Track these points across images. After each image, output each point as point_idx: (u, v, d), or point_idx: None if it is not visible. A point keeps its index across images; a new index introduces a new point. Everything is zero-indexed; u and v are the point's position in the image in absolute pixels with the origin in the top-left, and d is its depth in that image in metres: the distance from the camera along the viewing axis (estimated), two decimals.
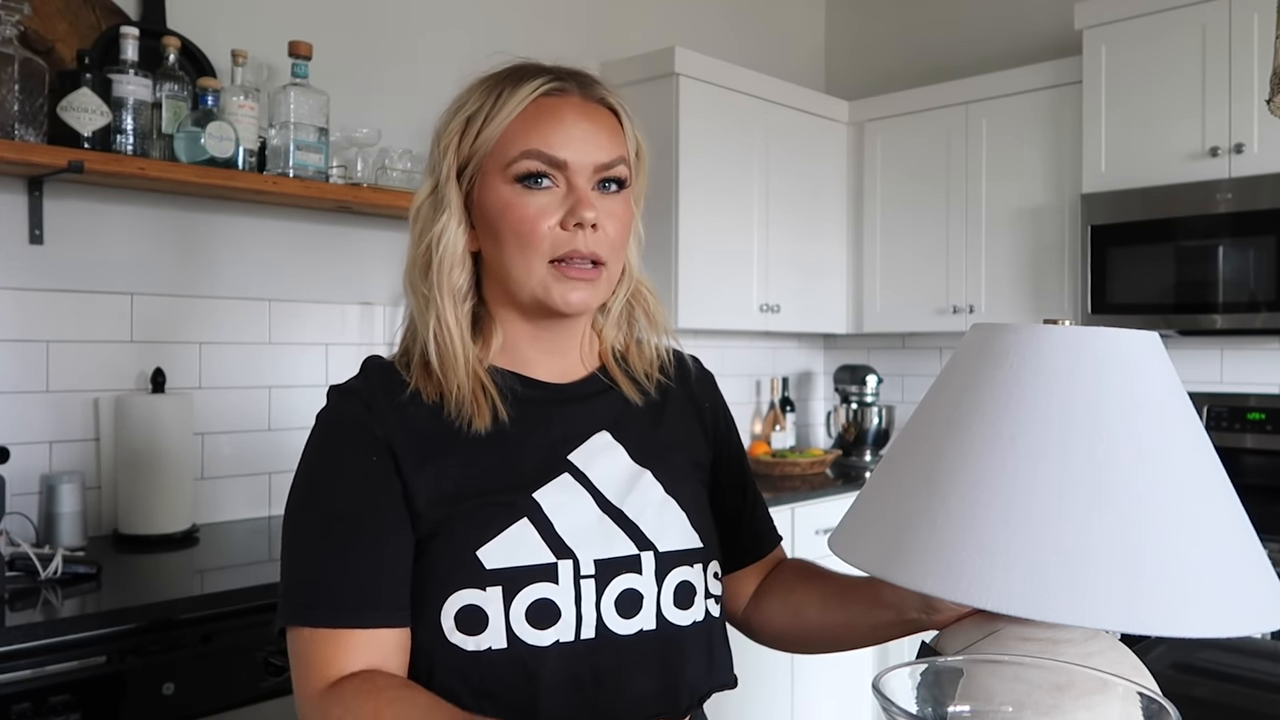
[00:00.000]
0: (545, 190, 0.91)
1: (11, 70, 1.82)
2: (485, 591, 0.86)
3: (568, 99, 0.93)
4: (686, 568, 0.95)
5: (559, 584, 0.88)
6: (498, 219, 0.92)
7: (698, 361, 1.15)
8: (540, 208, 0.91)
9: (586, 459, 0.95)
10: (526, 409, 0.95)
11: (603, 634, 0.89)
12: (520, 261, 0.92)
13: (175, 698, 1.60)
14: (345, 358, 2.49)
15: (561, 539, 0.90)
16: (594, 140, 0.92)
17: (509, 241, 0.92)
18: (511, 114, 0.91)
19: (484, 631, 0.86)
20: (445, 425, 0.92)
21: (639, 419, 1.01)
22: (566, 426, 0.97)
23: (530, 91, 0.92)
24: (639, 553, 0.92)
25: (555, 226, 0.91)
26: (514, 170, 0.91)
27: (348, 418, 0.92)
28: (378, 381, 0.94)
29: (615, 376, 1.02)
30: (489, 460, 0.92)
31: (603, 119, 0.95)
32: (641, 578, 0.92)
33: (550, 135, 0.91)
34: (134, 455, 2.08)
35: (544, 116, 0.91)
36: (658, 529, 0.95)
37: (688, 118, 2.94)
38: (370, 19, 2.59)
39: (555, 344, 0.99)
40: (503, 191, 0.92)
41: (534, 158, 0.91)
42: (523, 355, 0.98)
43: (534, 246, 0.91)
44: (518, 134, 0.91)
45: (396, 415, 0.91)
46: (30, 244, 2.04)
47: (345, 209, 2.41)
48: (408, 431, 0.91)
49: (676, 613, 0.93)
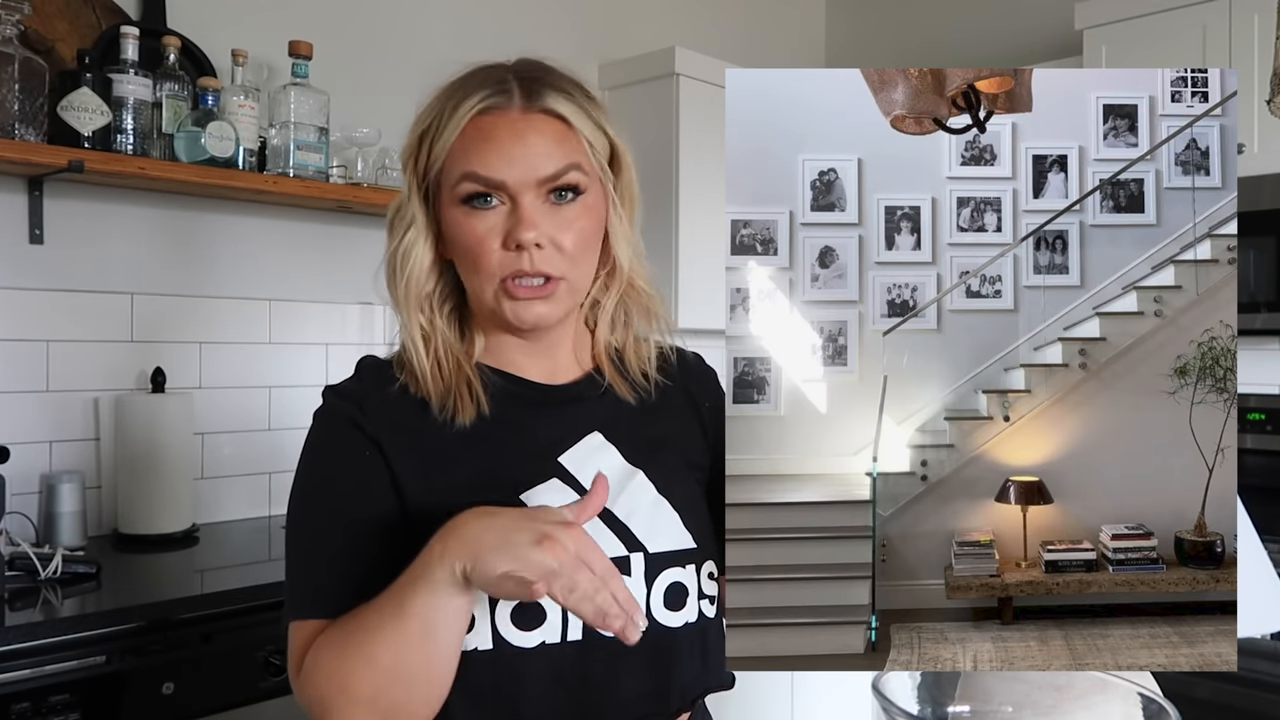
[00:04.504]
0: (491, 210, 0.91)
1: (12, 70, 1.82)
2: None
3: (504, 115, 0.91)
4: (678, 569, 0.94)
5: None
6: (453, 238, 0.93)
7: (699, 358, 1.13)
8: (487, 229, 0.90)
9: (578, 461, 0.95)
10: (514, 408, 0.95)
11: (589, 635, 0.88)
12: (476, 281, 0.93)
13: (175, 698, 1.60)
14: (345, 358, 2.49)
15: None
16: (534, 154, 0.90)
17: (464, 261, 0.93)
18: (452, 135, 0.91)
19: (469, 632, 0.85)
20: (432, 420, 0.93)
21: (633, 419, 1.01)
22: (558, 428, 0.96)
23: (467, 111, 0.90)
24: (628, 554, 0.92)
25: (500, 248, 0.91)
26: (458, 192, 0.91)
27: (340, 416, 0.93)
28: (369, 379, 0.96)
29: (610, 376, 1.01)
30: (476, 458, 0.92)
31: (545, 128, 0.92)
32: (630, 579, 0.91)
33: (486, 156, 0.90)
34: (134, 455, 2.08)
35: (479, 137, 0.90)
36: (649, 530, 0.94)
37: (688, 118, 2.94)
38: (370, 19, 2.59)
39: (538, 347, 0.99)
40: (454, 212, 0.92)
41: (472, 180, 0.90)
42: (508, 357, 0.99)
43: (483, 268, 0.91)
44: (458, 155, 0.91)
45: (386, 411, 0.93)
46: (30, 244, 2.04)
47: (345, 209, 2.41)
48: (396, 426, 0.92)
49: (667, 614, 0.93)
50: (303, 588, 0.90)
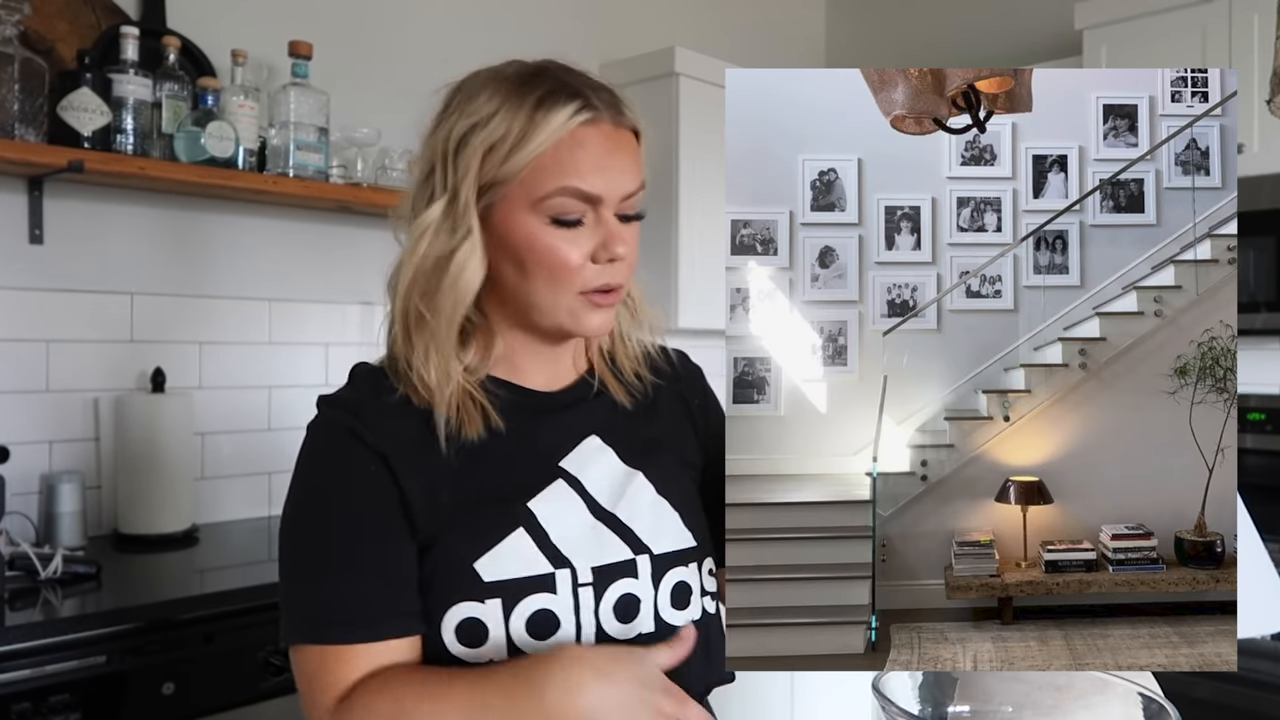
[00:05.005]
0: (579, 224, 0.89)
1: (12, 70, 1.82)
2: (484, 604, 0.86)
3: (598, 128, 0.89)
4: (682, 568, 0.95)
5: (557, 594, 0.88)
6: (524, 252, 0.89)
7: (684, 356, 1.14)
8: (572, 242, 0.88)
9: (579, 464, 0.95)
10: (517, 417, 0.94)
11: (602, 640, 0.89)
12: (549, 294, 0.90)
13: (175, 698, 1.60)
14: (345, 358, 2.48)
15: (557, 548, 0.90)
16: (623, 171, 0.90)
17: (537, 275, 0.89)
18: (544, 145, 0.86)
19: (484, 644, 0.86)
20: (436, 433, 0.89)
21: (628, 420, 1.01)
22: (557, 433, 0.96)
23: (565, 120, 0.87)
24: (634, 557, 0.93)
25: (586, 262, 0.89)
26: (548, 208, 0.87)
27: (339, 429, 0.90)
28: (366, 389, 0.93)
29: (604, 378, 1.02)
30: (482, 469, 0.91)
31: (627, 145, 0.92)
32: (638, 581, 0.92)
33: (586, 171, 0.87)
34: (134, 455, 2.07)
35: (579, 150, 0.87)
36: (652, 532, 0.95)
37: (688, 118, 2.94)
38: (370, 19, 2.59)
39: (552, 354, 0.99)
40: (531, 225, 0.88)
41: (570, 195, 0.87)
42: (519, 365, 0.97)
43: (566, 282, 0.89)
44: (551, 167, 0.87)
45: (387, 423, 0.89)
46: (30, 244, 2.04)
47: (345, 209, 2.41)
48: (399, 439, 0.89)
49: (674, 613, 0.94)
50: (308, 608, 0.86)
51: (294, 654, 0.87)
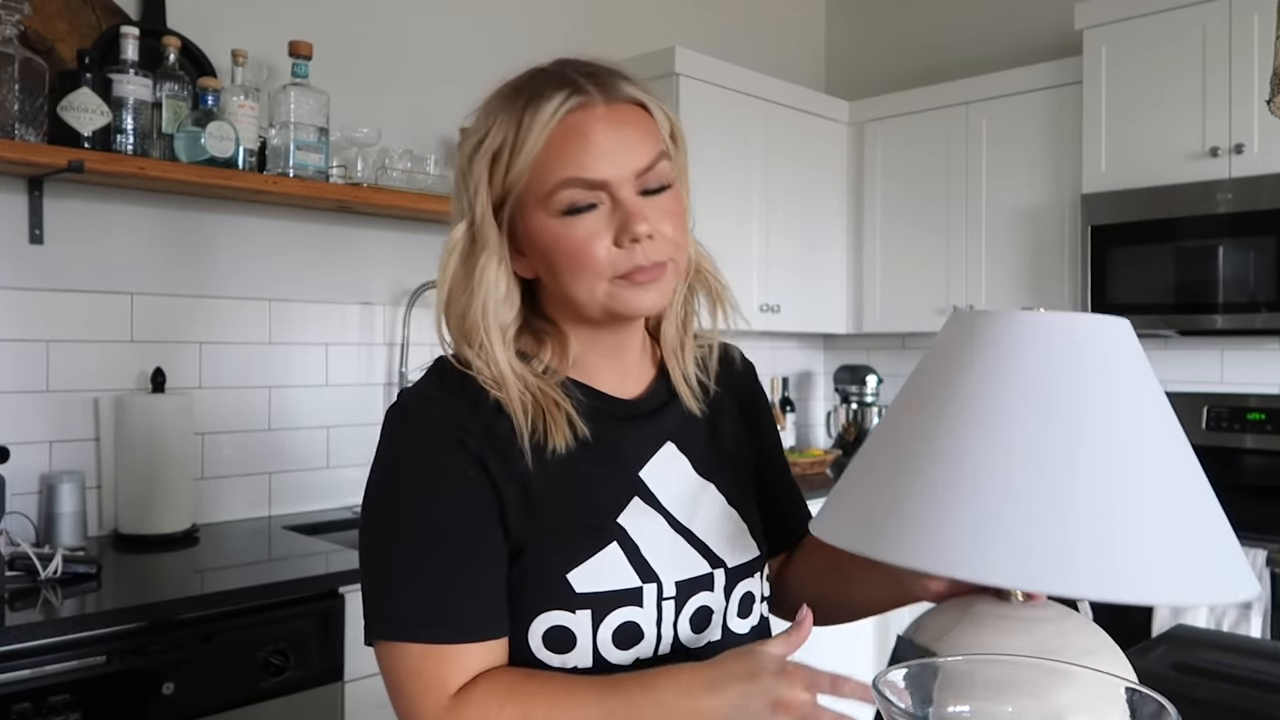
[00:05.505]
0: (592, 213, 0.87)
1: (12, 70, 1.82)
2: (575, 614, 0.87)
3: (590, 111, 0.86)
4: (749, 579, 0.98)
5: (643, 607, 0.89)
6: (549, 251, 0.88)
7: (741, 353, 1.12)
8: (590, 233, 0.87)
9: (655, 475, 0.95)
10: (600, 426, 0.93)
11: (676, 649, 0.91)
12: (582, 287, 0.88)
13: (175, 698, 1.60)
14: (345, 358, 2.49)
15: (647, 562, 0.90)
16: (629, 148, 0.87)
17: (565, 270, 0.88)
18: (538, 143, 0.86)
19: (571, 651, 0.87)
20: (525, 440, 0.88)
21: (698, 428, 1.01)
22: (636, 441, 0.96)
23: (552, 113, 0.85)
24: (711, 571, 0.94)
25: (610, 247, 0.87)
26: (557, 203, 0.86)
27: (439, 428, 0.88)
28: (459, 391, 0.90)
29: (676, 384, 1.00)
30: (570, 483, 0.90)
31: (632, 118, 0.89)
32: (713, 594, 0.94)
33: (583, 158, 0.85)
34: (134, 455, 2.07)
35: (572, 139, 0.86)
36: (728, 546, 0.96)
37: (688, 118, 2.93)
38: (370, 19, 2.58)
39: (617, 346, 0.97)
40: (548, 224, 0.87)
41: (572, 186, 0.86)
42: (592, 365, 0.96)
43: (592, 271, 0.87)
44: (550, 163, 0.86)
45: (482, 428, 0.88)
46: (30, 244, 2.04)
47: (345, 209, 2.41)
48: (495, 445, 0.88)
49: (739, 622, 0.97)
50: (407, 607, 0.85)
51: (389, 649, 0.86)
